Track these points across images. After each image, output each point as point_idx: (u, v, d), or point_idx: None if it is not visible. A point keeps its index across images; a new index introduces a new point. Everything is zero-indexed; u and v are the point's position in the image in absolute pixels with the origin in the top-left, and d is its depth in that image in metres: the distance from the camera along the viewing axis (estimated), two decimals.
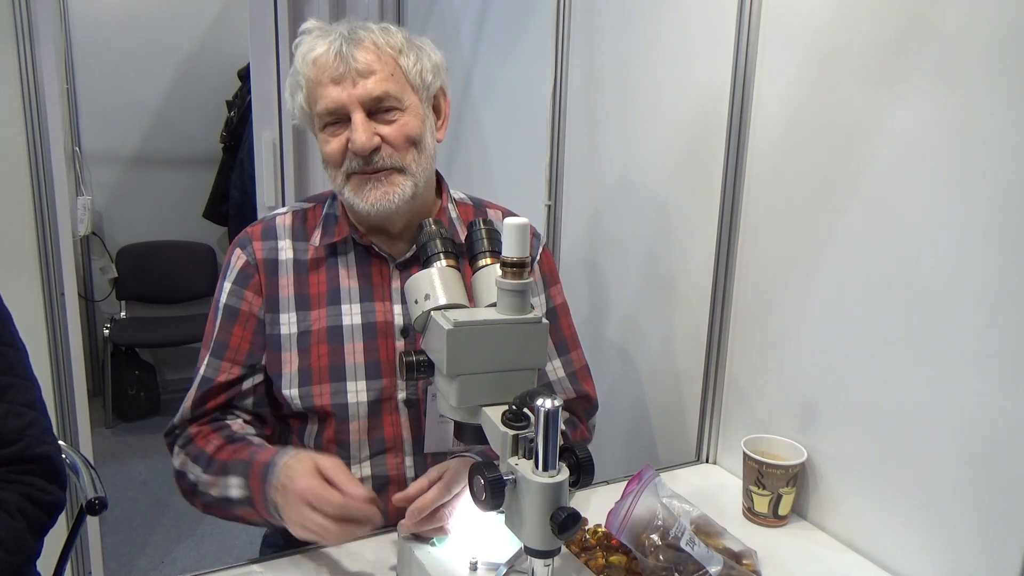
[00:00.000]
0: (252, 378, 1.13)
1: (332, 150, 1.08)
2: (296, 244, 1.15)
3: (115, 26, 3.63)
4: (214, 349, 1.13)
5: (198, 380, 1.12)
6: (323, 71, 1.05)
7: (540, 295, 1.25)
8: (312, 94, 1.08)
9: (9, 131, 1.71)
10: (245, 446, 1.06)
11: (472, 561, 0.92)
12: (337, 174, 1.10)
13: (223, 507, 1.05)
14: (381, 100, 1.06)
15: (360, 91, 1.05)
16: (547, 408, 0.76)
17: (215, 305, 1.15)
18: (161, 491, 3.06)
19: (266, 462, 0.99)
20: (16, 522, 0.92)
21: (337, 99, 1.05)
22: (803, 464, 1.19)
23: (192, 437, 1.10)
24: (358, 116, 1.05)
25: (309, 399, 1.10)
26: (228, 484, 1.03)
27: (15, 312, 1.05)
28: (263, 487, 0.98)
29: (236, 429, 1.11)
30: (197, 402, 1.12)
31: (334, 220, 1.16)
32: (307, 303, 1.13)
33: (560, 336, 1.26)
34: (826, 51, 1.15)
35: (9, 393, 0.97)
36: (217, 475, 1.05)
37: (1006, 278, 0.93)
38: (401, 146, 1.08)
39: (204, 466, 1.07)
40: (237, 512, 1.04)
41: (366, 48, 1.06)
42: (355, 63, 1.04)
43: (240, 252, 1.15)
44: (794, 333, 1.23)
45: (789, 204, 1.23)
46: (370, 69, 1.05)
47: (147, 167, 3.82)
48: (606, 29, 1.62)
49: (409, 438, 1.13)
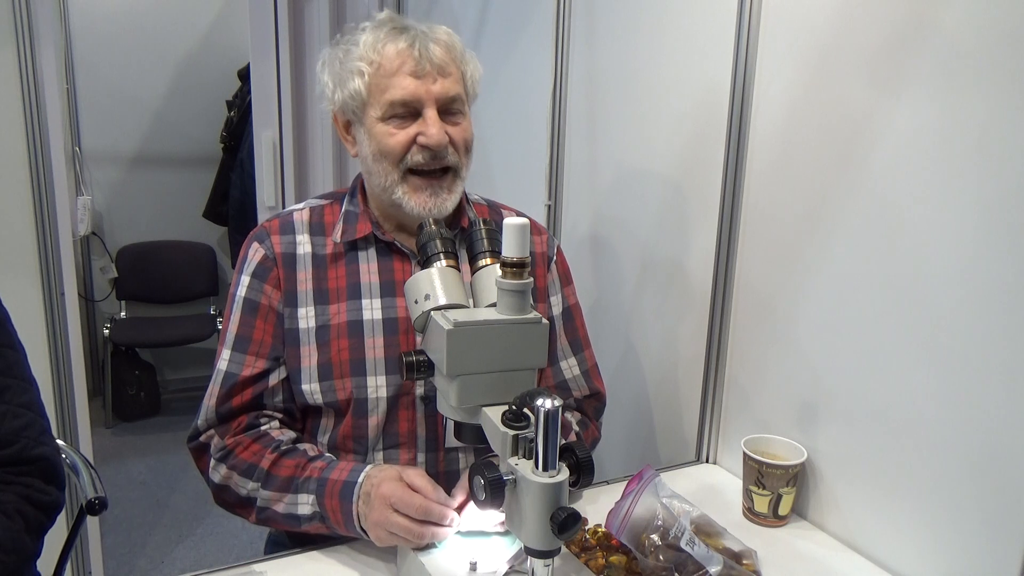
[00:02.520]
0: (277, 372, 1.12)
1: (397, 142, 1.08)
2: (314, 239, 1.15)
3: (115, 26, 3.63)
4: (235, 344, 1.11)
5: (220, 377, 1.10)
6: (404, 62, 1.06)
7: (557, 294, 1.27)
8: (381, 83, 1.07)
9: (9, 131, 1.71)
10: (307, 461, 1.06)
11: (472, 561, 0.92)
12: (394, 170, 1.09)
13: (288, 522, 1.06)
14: (454, 101, 1.09)
15: (439, 88, 1.07)
16: (547, 408, 0.76)
17: (232, 300, 1.14)
18: (161, 491, 3.06)
19: (344, 481, 1.01)
20: (14, 523, 0.92)
21: (415, 92, 1.06)
22: (803, 464, 1.19)
23: (231, 449, 1.08)
24: (432, 112, 1.07)
25: (331, 393, 1.10)
26: (297, 501, 1.04)
27: (15, 312, 1.05)
28: (342, 504, 1.00)
29: (276, 436, 1.10)
30: (221, 399, 1.10)
31: (354, 217, 1.16)
32: (325, 297, 1.13)
33: (575, 335, 1.28)
34: (826, 50, 1.15)
35: (7, 394, 0.97)
36: (281, 491, 1.05)
37: (1006, 277, 0.93)
38: (461, 149, 1.10)
39: (262, 481, 1.06)
40: (303, 527, 1.05)
41: (444, 48, 1.08)
42: (436, 60, 1.06)
43: (258, 246, 1.14)
44: (794, 333, 1.23)
45: (789, 204, 1.23)
46: (447, 69, 1.08)
47: (147, 167, 3.82)
48: (606, 29, 1.61)
49: (423, 434, 1.13)
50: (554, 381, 1.25)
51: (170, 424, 3.70)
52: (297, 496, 1.04)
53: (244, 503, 1.08)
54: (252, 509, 1.08)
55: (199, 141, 3.85)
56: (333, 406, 1.11)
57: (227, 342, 1.12)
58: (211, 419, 1.10)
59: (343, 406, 1.11)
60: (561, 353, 1.26)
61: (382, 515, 0.95)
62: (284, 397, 1.13)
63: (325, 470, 1.04)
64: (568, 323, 1.27)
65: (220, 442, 1.09)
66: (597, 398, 1.30)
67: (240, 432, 1.09)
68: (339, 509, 1.01)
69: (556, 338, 1.26)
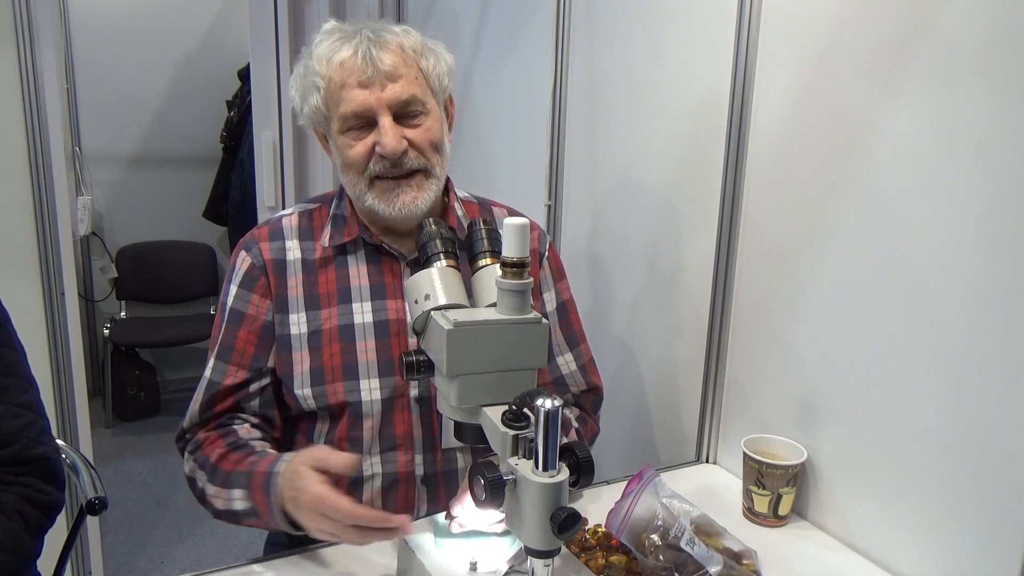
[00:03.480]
0: (258, 381, 1.12)
1: (356, 154, 1.07)
2: (303, 244, 1.15)
3: (115, 26, 3.63)
4: (219, 352, 1.13)
5: (205, 383, 1.12)
6: (349, 73, 1.05)
7: (550, 290, 1.27)
8: (334, 96, 1.06)
9: (9, 131, 1.71)
10: (246, 455, 1.06)
11: (472, 561, 0.92)
12: (360, 179, 1.09)
13: (230, 518, 1.06)
14: (408, 104, 1.06)
15: (388, 95, 1.05)
16: (547, 408, 0.76)
17: (220, 308, 1.15)
18: (161, 491, 3.06)
19: (266, 472, 0.99)
20: (14, 523, 0.92)
21: (365, 102, 1.05)
22: (803, 464, 1.19)
23: (200, 443, 1.10)
24: (386, 120, 1.05)
25: (324, 398, 1.10)
26: (232, 496, 1.04)
27: (15, 312, 1.05)
28: (267, 498, 0.99)
29: (242, 435, 1.10)
30: (205, 405, 1.12)
31: (343, 220, 1.16)
32: (316, 302, 1.13)
33: (571, 330, 1.28)
34: (826, 50, 1.15)
35: (7, 394, 0.97)
36: (220, 486, 1.05)
37: (1006, 277, 0.93)
38: (426, 149, 1.08)
39: (209, 475, 1.07)
40: (244, 522, 1.05)
41: (392, 51, 1.06)
42: (382, 66, 1.04)
43: (245, 255, 1.14)
44: (794, 333, 1.23)
45: (789, 204, 1.23)
46: (397, 72, 1.05)
47: (147, 167, 3.82)
48: (606, 29, 1.61)
49: (420, 435, 1.13)
50: (551, 377, 1.25)
51: (170, 424, 3.70)
52: (231, 491, 1.03)
53: (202, 496, 1.09)
54: (208, 503, 1.08)
55: (199, 141, 3.85)
56: (327, 411, 1.11)
57: (214, 350, 1.13)
58: (195, 422, 1.13)
59: (337, 410, 1.11)
60: (557, 349, 1.26)
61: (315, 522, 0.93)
62: (261, 402, 1.13)
63: (255, 463, 1.03)
64: (563, 318, 1.27)
65: (195, 436, 1.12)
66: (595, 392, 1.30)
67: (213, 429, 1.11)
68: (264, 502, 0.99)
69: (551, 334, 1.25)
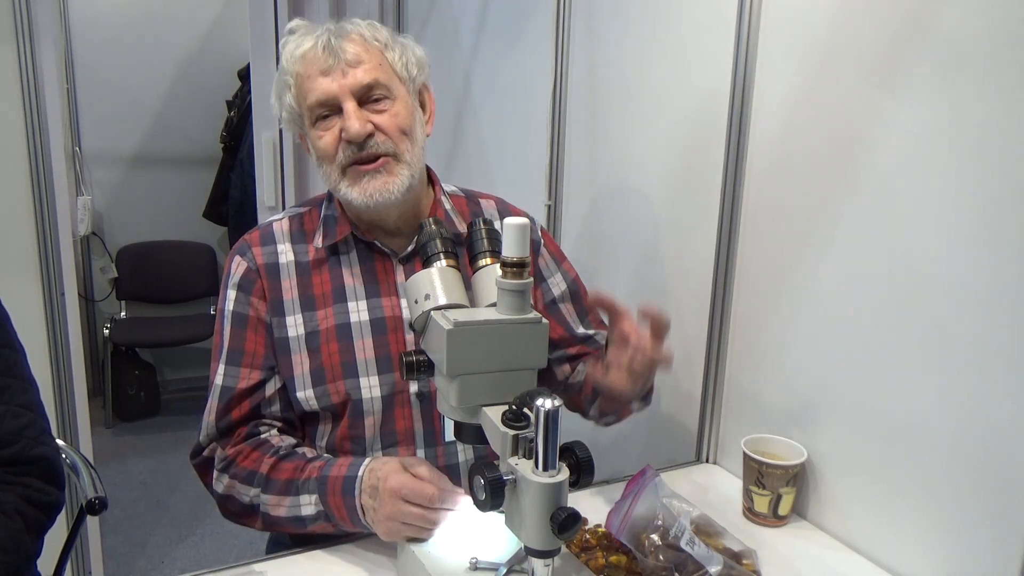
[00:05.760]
0: (272, 381, 1.12)
1: (325, 144, 1.08)
2: (296, 247, 1.16)
3: (115, 26, 3.63)
4: (228, 357, 1.11)
5: (218, 392, 1.11)
6: (312, 64, 1.07)
7: (555, 273, 1.28)
8: (301, 89, 1.09)
9: (9, 131, 1.71)
10: (305, 462, 1.06)
11: (472, 561, 0.92)
12: (332, 169, 1.10)
13: (293, 525, 1.06)
14: (371, 88, 1.07)
15: (350, 80, 1.06)
16: (547, 408, 0.76)
17: (221, 314, 1.14)
18: (161, 491, 3.06)
19: (344, 476, 1.01)
20: (14, 523, 0.92)
21: (327, 90, 1.06)
22: (803, 464, 1.19)
23: (233, 459, 1.08)
24: (350, 105, 1.06)
25: (325, 398, 1.10)
26: (299, 503, 1.04)
27: (15, 312, 1.05)
28: (345, 499, 1.00)
29: (276, 443, 1.10)
30: (220, 414, 1.10)
31: (333, 221, 1.16)
32: (312, 303, 1.13)
33: (582, 305, 1.30)
34: (826, 51, 1.15)
35: (7, 394, 0.97)
36: (282, 494, 1.05)
37: (1006, 278, 0.93)
38: (394, 134, 1.08)
39: (262, 487, 1.06)
40: (309, 528, 1.05)
41: (353, 40, 1.08)
42: (344, 54, 1.06)
43: (240, 259, 1.15)
44: (794, 333, 1.23)
45: (789, 204, 1.23)
46: (359, 59, 1.07)
47: (147, 167, 3.82)
48: (606, 29, 1.61)
49: (421, 430, 1.13)
50: (579, 333, 1.27)
51: (170, 424, 3.70)
52: (299, 498, 1.04)
53: (248, 511, 1.08)
54: (256, 516, 1.08)
55: (199, 141, 3.85)
56: (329, 410, 1.11)
57: (221, 357, 1.12)
58: (212, 434, 1.11)
59: (339, 409, 1.11)
60: (575, 322, 1.28)
61: (394, 508, 0.96)
62: (281, 406, 1.13)
63: (324, 468, 1.04)
64: (575, 295, 1.29)
65: (222, 453, 1.10)
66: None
67: (241, 442, 1.10)
68: (343, 505, 1.01)
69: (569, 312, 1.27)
